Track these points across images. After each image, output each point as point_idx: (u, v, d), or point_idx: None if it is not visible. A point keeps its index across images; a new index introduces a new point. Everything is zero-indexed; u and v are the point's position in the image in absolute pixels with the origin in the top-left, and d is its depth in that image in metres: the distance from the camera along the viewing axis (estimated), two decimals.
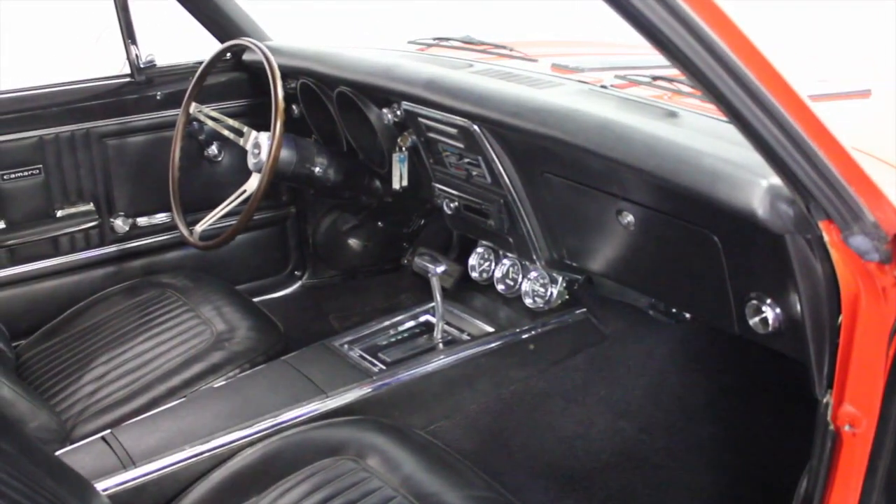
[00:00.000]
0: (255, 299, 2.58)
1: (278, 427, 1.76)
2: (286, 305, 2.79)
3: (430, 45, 2.33)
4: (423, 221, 2.69)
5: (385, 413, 1.84)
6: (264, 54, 2.08)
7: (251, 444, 1.71)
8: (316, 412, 1.81)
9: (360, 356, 2.05)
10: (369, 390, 1.89)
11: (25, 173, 2.36)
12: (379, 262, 2.86)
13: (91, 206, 2.47)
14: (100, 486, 1.57)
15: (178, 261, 2.59)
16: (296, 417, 1.79)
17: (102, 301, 2.36)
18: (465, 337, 2.14)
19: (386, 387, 1.91)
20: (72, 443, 1.80)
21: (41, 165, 2.37)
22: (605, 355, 2.15)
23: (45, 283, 2.46)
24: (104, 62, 2.52)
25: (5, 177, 2.34)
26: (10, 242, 2.39)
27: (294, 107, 2.46)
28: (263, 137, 2.13)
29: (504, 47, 2.13)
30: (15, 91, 2.35)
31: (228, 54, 2.43)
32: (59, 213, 2.44)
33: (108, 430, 1.80)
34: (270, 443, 1.69)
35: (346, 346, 2.11)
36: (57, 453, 1.71)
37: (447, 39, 2.29)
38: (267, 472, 1.61)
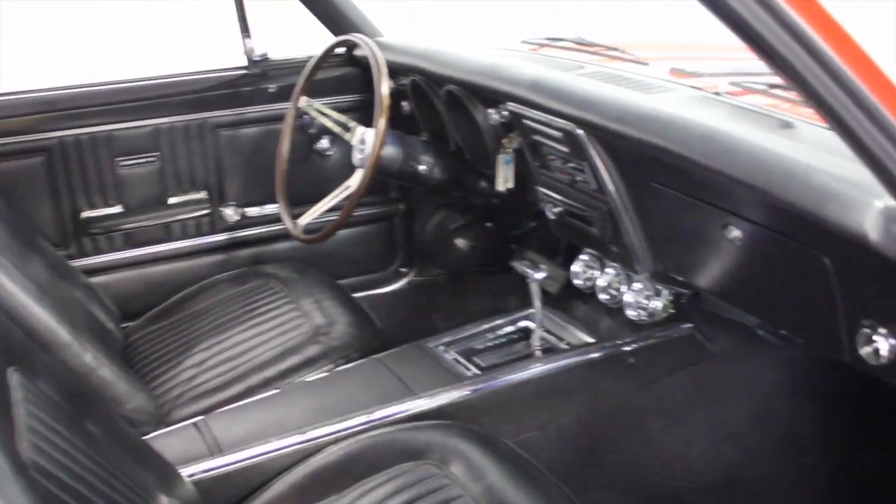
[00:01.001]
0: (360, 294, 2.59)
1: (365, 426, 1.75)
2: (390, 302, 2.78)
3: (542, 45, 2.28)
4: (532, 224, 2.64)
5: (474, 419, 1.80)
6: (371, 50, 2.07)
7: (337, 441, 1.70)
8: (404, 413, 1.78)
9: (455, 359, 2.02)
10: (460, 395, 1.86)
11: (142, 160, 2.43)
12: (486, 263, 2.83)
13: (203, 195, 2.52)
14: (185, 471, 1.58)
15: (286, 252, 2.61)
16: (383, 417, 1.77)
17: (209, 288, 2.40)
18: (563, 346, 2.08)
19: (477, 392, 1.87)
20: (166, 427, 1.83)
21: (158, 153, 2.43)
22: (710, 374, 2.06)
23: (156, 267, 2.53)
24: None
25: (123, 163, 2.41)
26: (125, 226, 2.46)
27: (405, 104, 2.44)
28: (370, 134, 2.12)
29: (616, 49, 2.06)
30: (134, 80, 2.42)
31: (342, 49, 2.44)
32: (173, 200, 2.50)
33: (201, 417, 1.82)
34: (356, 441, 1.68)
35: (441, 347, 2.08)
36: (148, 436, 1.73)
37: (559, 40, 2.23)
38: (349, 472, 1.60)
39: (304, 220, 2.25)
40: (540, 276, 2.01)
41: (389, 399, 1.82)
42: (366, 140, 2.14)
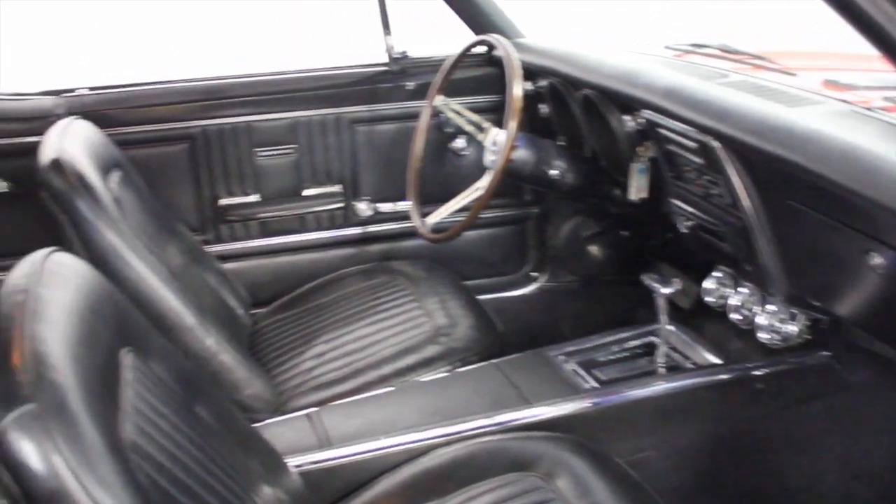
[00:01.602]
0: (486, 297, 2.57)
1: (475, 431, 1.72)
2: (517, 306, 2.75)
3: (686, 52, 2.19)
4: (669, 235, 2.55)
5: (588, 434, 1.74)
6: (506, 51, 2.04)
7: (446, 444, 1.68)
8: (516, 422, 1.75)
9: (574, 370, 1.97)
10: (576, 407, 1.80)
11: (280, 151, 2.48)
12: (619, 272, 2.75)
13: (338, 188, 2.56)
14: (292, 461, 1.59)
15: (415, 249, 2.62)
16: (494, 424, 1.74)
17: (338, 281, 2.44)
18: (688, 365, 2.00)
19: (594, 406, 1.82)
20: (281, 416, 1.86)
21: (295, 146, 2.48)
22: (846, 407, 1.93)
23: (288, 257, 2.58)
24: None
25: (262, 153, 2.47)
26: (261, 215, 2.52)
27: (542, 106, 2.41)
28: (502, 135, 2.09)
29: (763, 58, 1.96)
30: (276, 73, 2.47)
31: (481, 49, 2.42)
32: (308, 192, 2.54)
33: (315, 409, 1.84)
34: (464, 446, 1.66)
35: (562, 357, 2.03)
36: (260, 423, 1.76)
37: (704, 46, 2.14)
38: (454, 477, 1.58)
39: (433, 218, 2.24)
40: (667, 290, 1.94)
41: (503, 406, 1.79)
42: (498, 142, 2.12)
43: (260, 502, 1.33)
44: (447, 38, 2.51)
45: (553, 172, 2.18)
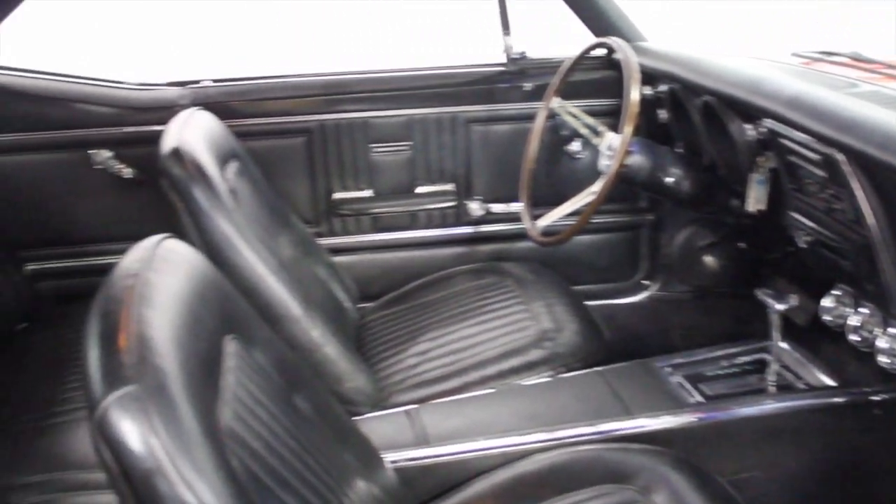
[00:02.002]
0: (595, 303, 2.54)
1: (574, 439, 1.70)
2: (626, 314, 2.71)
3: (814, 60, 2.10)
4: (790, 249, 2.46)
5: (690, 450, 1.70)
6: (625, 54, 2.00)
7: (543, 450, 1.67)
8: (616, 432, 1.72)
9: (680, 383, 1.93)
10: (679, 421, 1.76)
11: (395, 148, 2.50)
12: (734, 284, 2.68)
13: (451, 187, 2.56)
14: (389, 457, 1.60)
15: (526, 251, 2.60)
16: (594, 433, 1.71)
17: (447, 279, 2.44)
18: (800, 385, 1.93)
19: (698, 421, 1.77)
20: (382, 410, 1.87)
21: (410, 143, 2.50)
22: None
23: (398, 253, 2.60)
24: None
25: (377, 149, 2.49)
26: (374, 210, 2.55)
27: (661, 112, 2.35)
28: (618, 140, 2.05)
29: None
30: (393, 70, 2.49)
31: (601, 51, 2.39)
32: (421, 190, 2.56)
33: (415, 405, 1.85)
34: (562, 454, 1.64)
35: (668, 369, 1.99)
36: (360, 417, 1.78)
37: (833, 54, 2.05)
38: (550, 484, 1.56)
39: (544, 221, 2.22)
40: (782, 306, 1.87)
41: (604, 415, 1.76)
42: (613, 146, 2.09)
43: (353, 496, 1.34)
44: (566, 40, 2.50)
45: (669, 180, 2.13)
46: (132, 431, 0.84)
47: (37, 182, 2.39)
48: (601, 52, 2.42)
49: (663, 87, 2.27)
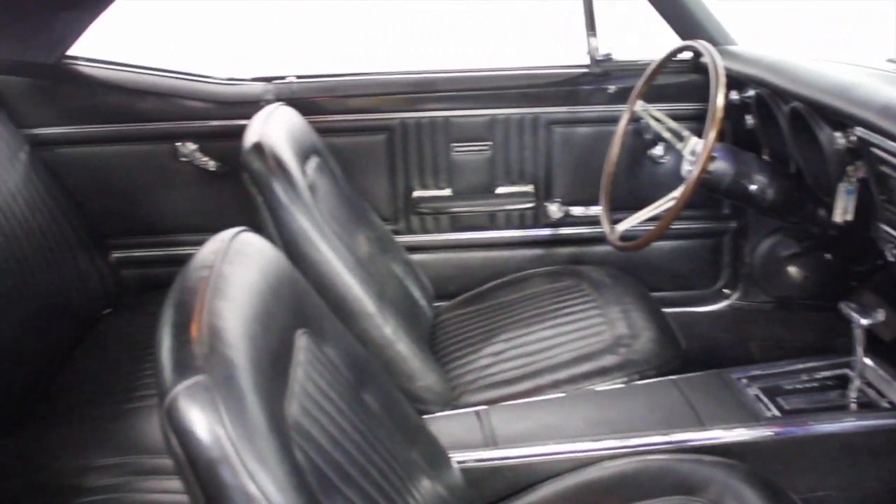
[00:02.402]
0: (673, 310, 2.50)
1: (644, 448, 1.67)
2: (704, 322, 2.66)
3: None
4: (880, 262, 2.39)
5: (764, 465, 1.66)
6: (711, 57, 1.96)
7: (612, 457, 1.65)
8: (688, 443, 1.69)
9: (756, 396, 1.87)
10: (753, 435, 1.72)
11: (475, 148, 2.50)
12: (818, 296, 2.60)
13: (530, 188, 2.55)
14: (456, 457, 1.60)
15: (604, 255, 2.58)
16: (665, 443, 1.68)
17: (523, 280, 2.43)
18: (884, 403, 1.86)
19: (774, 436, 1.72)
20: (452, 410, 1.87)
21: (490, 143, 2.49)
22: None
23: (475, 253, 2.60)
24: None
25: (457, 148, 2.50)
26: (453, 210, 2.56)
27: (748, 118, 2.30)
28: (702, 145, 2.02)
29: None
30: (476, 70, 2.49)
31: (687, 55, 2.35)
32: (500, 190, 2.55)
33: (485, 406, 1.84)
34: (631, 462, 1.62)
35: (744, 380, 1.93)
36: (429, 416, 1.78)
37: None
38: (617, 492, 1.54)
39: (623, 226, 2.19)
40: (867, 321, 1.81)
41: (675, 425, 1.73)
42: (696, 152, 2.05)
43: (418, 494, 1.34)
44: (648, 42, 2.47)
45: (753, 187, 2.08)
46: (199, 421, 0.85)
47: (126, 172, 2.46)
48: (687, 55, 2.38)
49: (751, 92, 2.22)
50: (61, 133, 2.41)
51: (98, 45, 2.43)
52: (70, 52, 2.41)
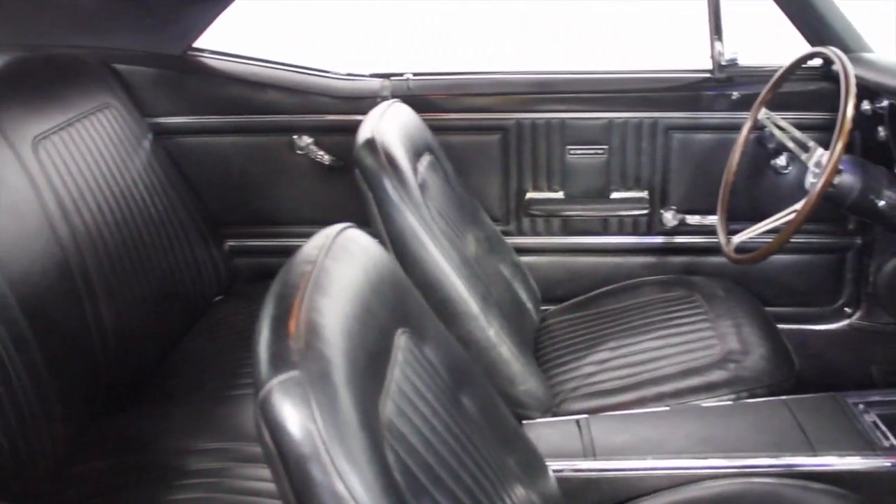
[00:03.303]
0: (788, 327, 2.42)
1: (749, 470, 1.61)
2: (822, 342, 2.55)
3: None
4: None
5: (877, 497, 1.58)
6: (842, 65, 1.87)
7: (715, 477, 1.59)
8: (795, 468, 1.61)
9: (874, 423, 1.78)
10: (868, 465, 1.63)
11: (591, 151, 2.46)
12: None
13: (645, 194, 2.50)
14: (553, 465, 1.57)
15: (718, 267, 2.50)
16: (772, 466, 1.61)
17: (633, 288, 2.39)
18: None
19: (891, 468, 1.63)
20: (552, 417, 1.85)
21: (606, 147, 2.45)
22: None
23: (585, 258, 2.56)
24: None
25: (573, 151, 2.46)
26: (565, 213, 2.53)
27: (880, 129, 2.19)
28: (827, 157, 1.93)
29: None
30: (595, 72, 2.46)
31: (817, 61, 2.25)
32: (614, 196, 2.50)
33: (585, 415, 1.81)
34: (735, 484, 1.56)
35: (862, 406, 1.84)
36: (528, 422, 1.76)
37: None
38: None
39: (740, 237, 2.12)
40: None
41: (784, 448, 1.65)
42: (821, 164, 1.96)
43: (510, 501, 1.32)
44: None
45: (881, 203, 1.98)
46: (291, 416, 0.86)
47: (243, 162, 2.52)
48: (816, 62, 2.28)
49: (884, 103, 2.12)
50: (183, 122, 2.49)
51: (219, 39, 2.50)
52: (195, 45, 2.48)
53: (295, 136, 2.47)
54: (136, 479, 1.67)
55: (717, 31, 2.35)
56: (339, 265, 1.10)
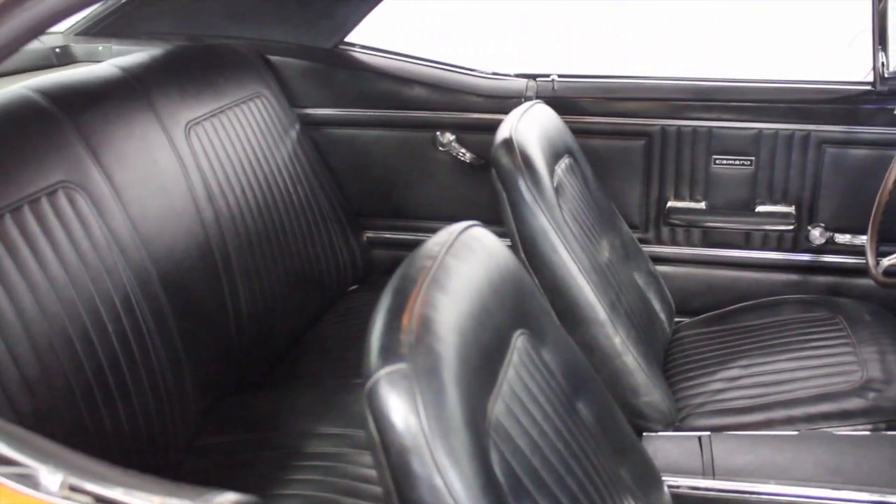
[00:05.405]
0: None
1: None
2: None
3: None
4: None
5: None
6: None
7: None
8: None
9: None
10: None
11: (737, 162, 2.39)
12: None
13: (792, 209, 2.41)
14: (669, 481, 1.54)
15: (866, 290, 2.38)
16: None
17: (773, 306, 2.31)
18: None
19: None
20: (674, 431, 1.81)
21: (753, 158, 2.37)
22: None
23: (724, 271, 2.50)
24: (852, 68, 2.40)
25: (718, 161, 2.40)
26: (707, 224, 2.46)
27: None
28: None
29: None
30: (745, 81, 2.38)
31: None
32: (758, 209, 2.42)
33: (708, 432, 1.77)
34: None
35: None
36: (648, 434, 1.73)
37: None
38: None
39: (890, 260, 2.02)
40: None
41: None
42: None
43: None
44: None
45: None
46: (396, 408, 0.87)
47: (385, 156, 2.57)
48: None
49: None
50: (330, 114, 2.56)
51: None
52: (346, 40, 2.55)
53: (438, 133, 2.50)
54: (257, 456, 1.73)
55: (881, 41, 2.24)
56: (460, 262, 1.11)
